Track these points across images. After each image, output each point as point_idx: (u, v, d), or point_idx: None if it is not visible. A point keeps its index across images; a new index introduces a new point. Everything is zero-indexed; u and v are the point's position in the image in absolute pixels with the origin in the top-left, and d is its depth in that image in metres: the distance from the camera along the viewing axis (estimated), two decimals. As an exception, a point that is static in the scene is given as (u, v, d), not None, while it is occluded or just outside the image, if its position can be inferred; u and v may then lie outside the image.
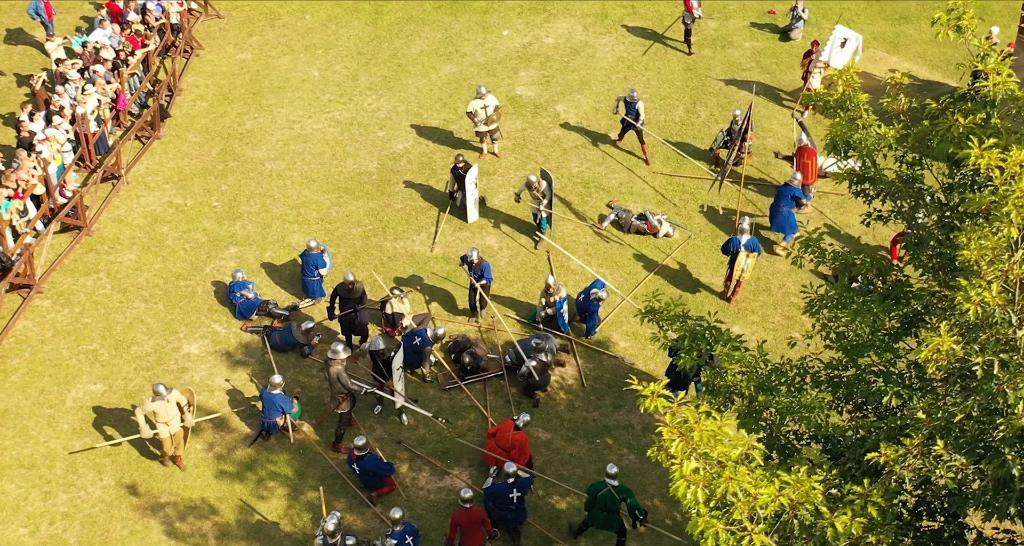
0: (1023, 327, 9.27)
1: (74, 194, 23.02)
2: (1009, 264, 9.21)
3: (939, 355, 9.48)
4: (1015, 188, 9.09)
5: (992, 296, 9.13)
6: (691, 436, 9.45)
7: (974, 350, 9.47)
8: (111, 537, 17.87)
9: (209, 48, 29.53)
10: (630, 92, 25.22)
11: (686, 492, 9.56)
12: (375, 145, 26.22)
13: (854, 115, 11.84)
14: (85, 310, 21.69)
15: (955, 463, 9.72)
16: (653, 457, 9.82)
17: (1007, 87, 10.64)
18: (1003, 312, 9.25)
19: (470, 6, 31.27)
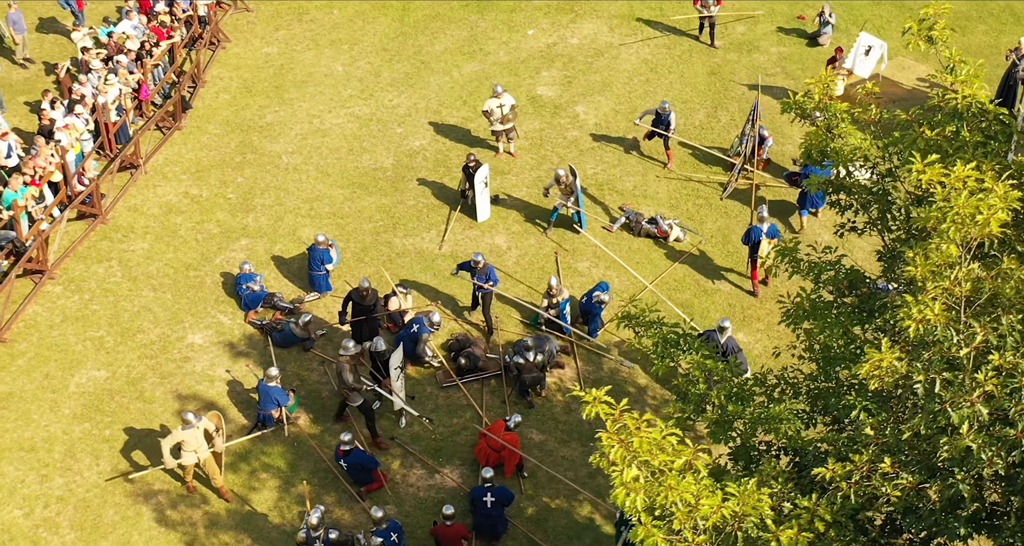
0: (966, 346, 9.10)
1: (90, 182, 23.32)
2: (951, 281, 9.04)
3: (880, 371, 9.33)
4: (954, 204, 8.91)
5: (934, 314, 8.97)
6: (630, 443, 9.39)
7: (916, 368, 9.31)
8: (103, 522, 18.10)
9: (236, 41, 29.79)
10: (662, 104, 24.81)
11: (625, 500, 9.50)
12: (392, 141, 26.31)
13: (831, 124, 11.69)
14: (95, 297, 21.98)
15: (902, 481, 9.57)
16: (594, 463, 9.78)
17: (977, 100, 10.45)
18: (945, 330, 9.08)
19: (497, 5, 31.27)
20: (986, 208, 8.73)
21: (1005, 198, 8.87)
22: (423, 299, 22.03)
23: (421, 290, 22.33)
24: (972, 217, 8.74)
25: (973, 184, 9.08)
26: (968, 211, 8.73)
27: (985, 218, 8.67)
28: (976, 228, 8.73)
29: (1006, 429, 9.02)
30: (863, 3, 31.47)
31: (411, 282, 22.42)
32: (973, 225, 8.76)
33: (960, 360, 9.15)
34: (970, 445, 8.99)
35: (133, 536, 17.92)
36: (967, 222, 8.77)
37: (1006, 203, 8.87)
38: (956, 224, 8.85)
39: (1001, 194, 8.90)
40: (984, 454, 8.97)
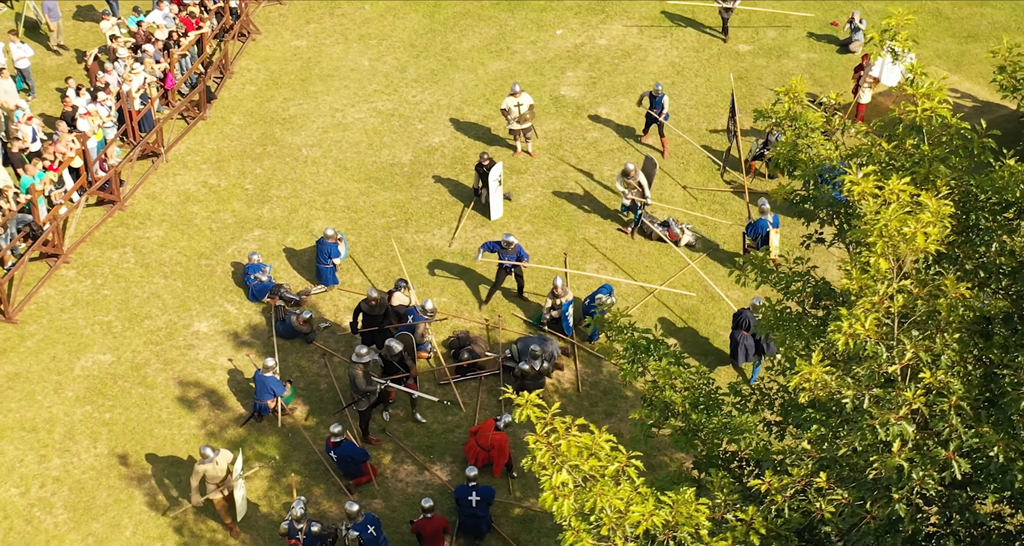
0: (895, 362, 8.94)
1: (109, 169, 23.67)
2: (881, 296, 8.89)
3: (809, 383, 9.21)
4: (881, 218, 8.75)
5: (864, 328, 8.83)
6: (558, 447, 9.36)
7: (847, 382, 9.17)
8: (95, 504, 18.39)
9: (266, 33, 30.07)
10: (655, 86, 25.29)
11: (553, 504, 9.48)
12: (412, 137, 26.41)
13: (801, 133, 11.55)
14: (107, 282, 22.32)
15: (837, 498, 9.44)
16: (526, 466, 9.76)
17: (938, 113, 10.26)
18: (875, 346, 8.93)
19: (528, 4, 31.26)
20: (914, 223, 8.58)
21: (937, 214, 8.70)
22: (423, 295, 22.10)
23: (428, 287, 22.40)
24: (899, 232, 8.58)
25: (907, 198, 8.92)
26: (895, 225, 8.58)
27: (912, 233, 8.51)
28: (905, 244, 8.57)
29: (937, 449, 8.87)
30: (899, 11, 30.97)
31: (418, 278, 22.50)
32: (901, 240, 8.60)
33: (891, 377, 9.00)
34: (902, 464, 8.85)
35: (123, 519, 18.18)
36: (895, 237, 8.61)
37: (937, 219, 8.70)
38: (883, 239, 8.70)
39: (934, 209, 8.73)
40: (916, 473, 8.82)
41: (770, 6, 30.80)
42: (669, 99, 25.87)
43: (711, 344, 21.35)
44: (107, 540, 17.89)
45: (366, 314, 20.49)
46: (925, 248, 8.66)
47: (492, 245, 21.57)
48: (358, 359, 18.87)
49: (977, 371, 9.62)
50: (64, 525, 18.08)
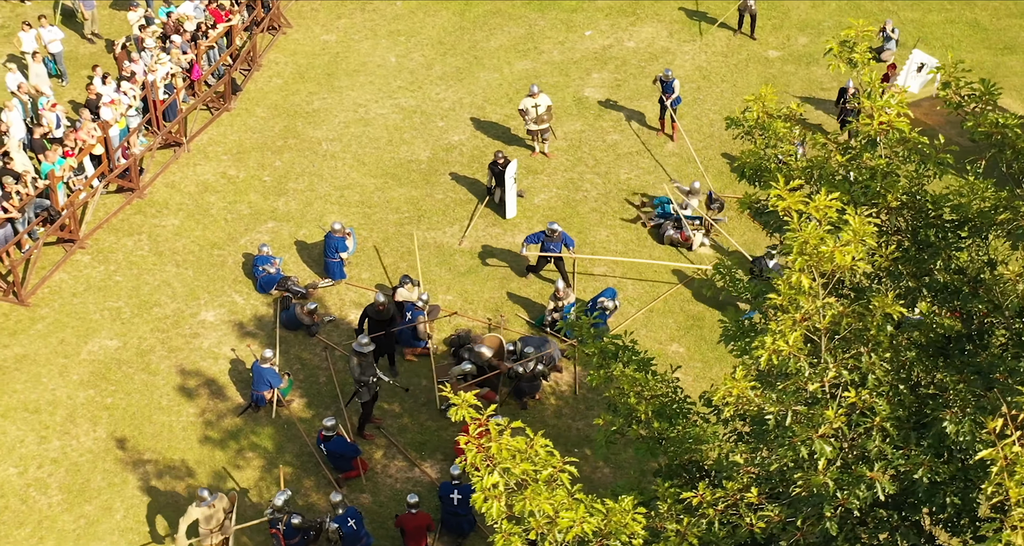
0: (815, 380, 8.80)
1: (129, 157, 24.01)
2: (801, 314, 8.75)
3: (731, 398, 9.10)
4: (800, 235, 8.61)
5: (788, 345, 8.70)
6: (488, 449, 9.36)
7: (770, 398, 9.05)
8: (90, 486, 18.68)
9: (297, 27, 30.31)
10: (665, 71, 25.81)
11: (483, 505, 9.48)
12: (432, 134, 26.50)
13: (769, 142, 11.42)
14: (120, 268, 22.65)
15: (768, 513, 9.33)
16: (460, 467, 9.76)
17: (896, 127, 10.08)
18: (798, 362, 8.80)
19: (559, 4, 31.21)
20: (832, 241, 8.43)
21: (859, 233, 8.54)
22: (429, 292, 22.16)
23: (435, 284, 22.47)
24: (816, 250, 8.44)
25: (833, 215, 8.77)
26: (814, 242, 8.44)
27: (829, 251, 8.37)
28: (826, 261, 8.43)
29: (862, 468, 8.73)
30: (936, 20, 30.60)
31: (425, 275, 22.57)
32: (819, 258, 8.46)
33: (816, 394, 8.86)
34: (827, 481, 8.73)
35: (115, 502, 18.45)
36: (813, 255, 8.47)
37: (857, 238, 8.53)
38: (803, 256, 8.57)
39: (856, 228, 8.57)
40: (840, 493, 8.69)
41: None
42: (680, 84, 26.54)
43: (720, 349, 21.15)
44: (98, 522, 18.17)
45: (372, 319, 20.37)
46: (851, 266, 8.52)
47: (536, 236, 21.84)
48: (359, 348, 18.97)
49: (908, 392, 9.45)
50: (57, 506, 18.39)
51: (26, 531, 18.00)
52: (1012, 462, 7.34)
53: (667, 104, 25.71)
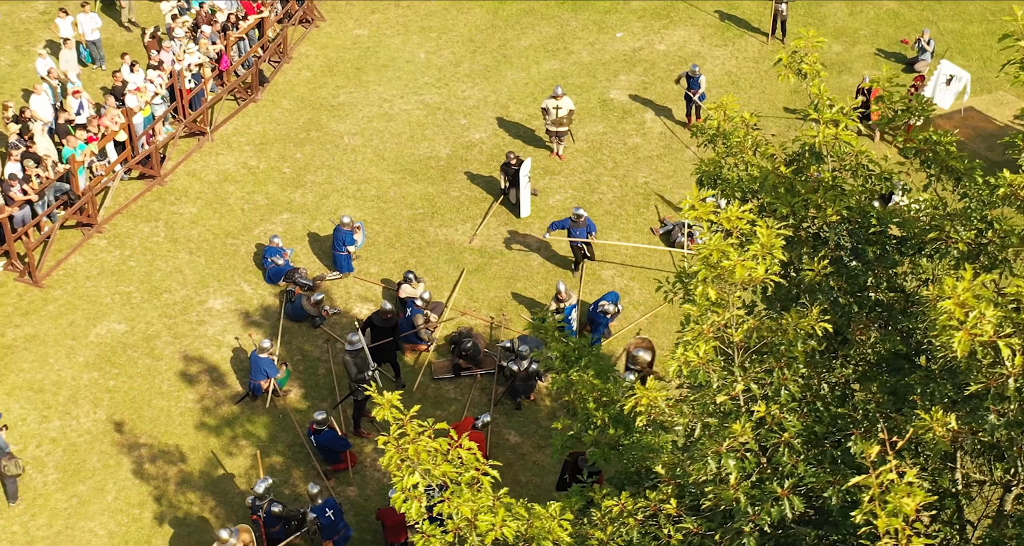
0: (724, 393, 8.68)
1: (150, 145, 24.38)
2: (709, 325, 8.64)
3: (641, 407, 9.02)
4: (705, 247, 8.49)
5: (697, 356, 8.61)
6: (406, 450, 9.38)
7: (680, 410, 8.96)
8: (85, 467, 19.02)
9: (331, 20, 30.54)
10: (692, 67, 26.00)
11: (402, 505, 9.51)
12: (453, 132, 26.57)
13: (731, 151, 11.30)
14: (134, 254, 23.01)
15: (686, 525, 9.25)
16: (383, 465, 9.81)
17: (843, 140, 9.92)
18: (707, 375, 8.70)
19: (593, 4, 31.11)
20: (735, 255, 8.31)
21: (767, 246, 8.40)
22: (430, 287, 22.24)
23: (441, 281, 22.55)
24: (718, 264, 8.32)
25: (744, 226, 8.65)
26: (716, 256, 8.33)
27: (732, 265, 8.25)
28: (730, 274, 8.31)
29: (773, 484, 8.61)
30: (976, 32, 30.03)
31: (432, 272, 22.66)
32: (721, 271, 8.34)
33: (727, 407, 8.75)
34: (739, 496, 8.62)
35: (108, 484, 18.76)
36: (715, 268, 8.36)
37: (764, 251, 8.40)
38: (707, 268, 8.46)
39: (764, 242, 8.44)
40: (751, 508, 8.58)
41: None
42: (706, 80, 26.65)
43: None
44: (89, 502, 18.49)
45: (377, 327, 20.19)
46: (763, 280, 8.40)
47: (562, 222, 22.22)
48: (350, 347, 19.11)
49: (824, 409, 9.30)
50: (52, 485, 18.74)
51: (20, 508, 18.37)
52: (886, 490, 7.19)
53: (695, 99, 25.70)
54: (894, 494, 7.13)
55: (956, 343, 7.43)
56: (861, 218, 9.86)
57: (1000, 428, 8.05)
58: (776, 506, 8.45)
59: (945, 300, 7.43)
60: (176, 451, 19.37)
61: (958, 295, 7.41)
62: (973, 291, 7.41)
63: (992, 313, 7.40)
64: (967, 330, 7.38)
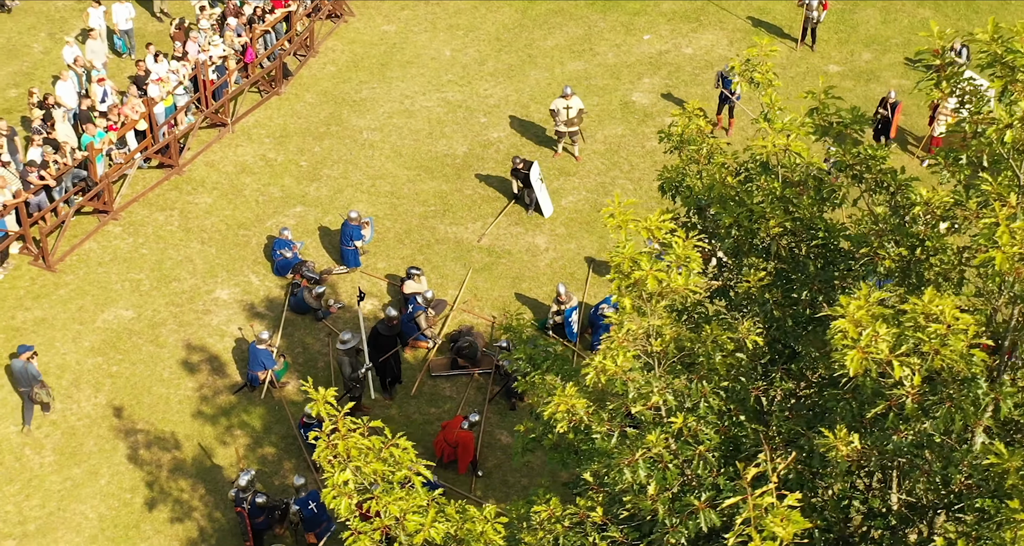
0: (639, 403, 8.59)
1: (169, 134, 24.66)
2: (623, 334, 8.55)
3: (559, 414, 8.95)
4: (617, 255, 8.40)
5: (615, 364, 8.52)
6: (337, 446, 9.41)
7: (598, 417, 8.87)
8: (81, 450, 19.30)
9: (360, 16, 30.68)
10: (725, 66, 25.74)
11: (332, 501, 9.54)
12: (472, 130, 26.59)
13: (694, 158, 11.19)
14: (147, 241, 23.31)
15: (612, 534, 9.18)
16: (317, 459, 9.85)
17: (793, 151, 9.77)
18: (624, 384, 8.61)
19: (622, 5, 30.96)
20: (647, 263, 8.22)
21: (683, 256, 8.30)
22: (435, 285, 22.28)
23: (447, 279, 22.59)
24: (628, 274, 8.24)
25: (663, 235, 8.55)
26: (627, 265, 8.24)
27: (643, 275, 8.16)
28: (641, 283, 8.22)
29: (690, 497, 8.51)
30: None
31: (439, 269, 22.71)
32: (630, 281, 8.26)
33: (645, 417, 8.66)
34: (657, 507, 8.54)
35: (102, 468, 19.03)
36: (627, 277, 8.28)
37: (680, 261, 8.29)
38: (618, 276, 8.38)
39: (680, 251, 8.33)
40: (669, 520, 8.50)
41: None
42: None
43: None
44: (83, 485, 18.77)
45: (383, 335, 19.92)
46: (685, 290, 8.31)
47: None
48: (342, 345, 19.22)
49: (748, 422, 9.18)
50: (48, 466, 19.05)
51: (15, 488, 18.70)
52: (763, 513, 7.06)
53: (732, 99, 25.45)
54: (771, 518, 7.01)
55: (848, 361, 7.31)
56: (806, 231, 9.72)
57: (902, 449, 7.90)
58: (692, 519, 8.36)
59: (839, 319, 7.30)
60: (171, 438, 19.59)
61: (852, 313, 7.28)
62: (868, 309, 7.26)
63: (886, 332, 7.26)
64: (860, 349, 7.25)
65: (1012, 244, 7.42)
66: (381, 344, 20.02)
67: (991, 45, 8.93)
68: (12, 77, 27.63)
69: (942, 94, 9.50)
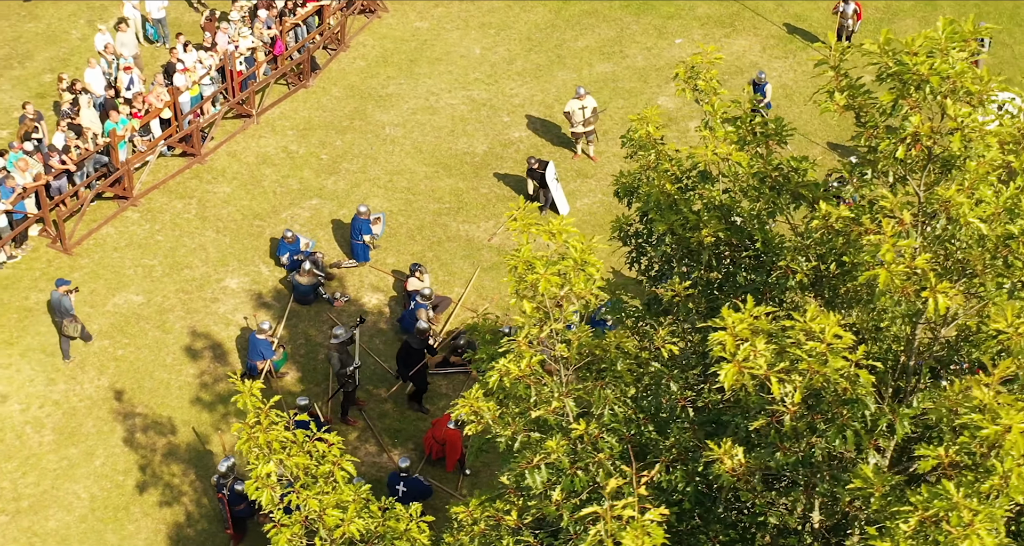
0: (540, 408, 8.53)
1: (191, 124, 24.99)
2: (524, 338, 8.50)
3: (471, 416, 8.93)
4: (513, 259, 8.34)
5: (518, 368, 8.47)
6: (257, 439, 9.49)
7: (502, 421, 8.83)
8: (80, 431, 19.65)
9: (394, 12, 30.81)
10: (758, 74, 25.73)
11: (254, 493, 9.62)
12: (494, 129, 26.61)
13: (648, 164, 11.10)
14: (163, 228, 23.65)
15: (526, 538, 9.14)
16: (241, 449, 9.93)
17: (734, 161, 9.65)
18: (527, 388, 8.55)
19: (657, 9, 30.76)
20: (541, 267, 8.15)
21: (580, 260, 8.22)
22: (442, 282, 22.33)
23: (454, 276, 22.64)
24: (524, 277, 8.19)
25: (560, 239, 8.47)
26: (522, 269, 8.19)
27: (535, 278, 8.09)
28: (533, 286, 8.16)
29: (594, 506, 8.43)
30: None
31: (447, 267, 22.76)
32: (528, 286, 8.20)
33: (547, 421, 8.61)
34: (563, 513, 8.49)
35: (98, 449, 19.37)
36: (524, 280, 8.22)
37: (577, 266, 8.21)
38: (515, 280, 8.32)
39: (577, 255, 8.25)
40: (572, 526, 8.44)
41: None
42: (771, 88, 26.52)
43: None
44: (78, 465, 19.11)
45: (413, 349, 19.58)
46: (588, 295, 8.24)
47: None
48: (334, 340, 19.36)
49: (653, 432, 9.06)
50: (47, 445, 19.42)
51: (13, 465, 19.09)
52: (623, 525, 6.97)
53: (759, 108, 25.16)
54: (630, 530, 6.93)
55: (724, 375, 7.19)
56: (739, 241, 9.60)
57: (783, 465, 7.76)
58: (594, 526, 8.29)
59: (719, 331, 7.20)
60: (168, 423, 19.87)
61: (732, 326, 7.16)
62: (748, 323, 7.15)
63: (764, 347, 7.14)
64: (737, 363, 7.14)
65: (897, 262, 7.27)
66: (412, 359, 19.71)
67: (882, 57, 8.77)
68: (49, 62, 28.15)
69: (837, 106, 9.30)
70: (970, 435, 7.00)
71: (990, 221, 8.10)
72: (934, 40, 8.86)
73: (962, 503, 6.69)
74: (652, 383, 9.01)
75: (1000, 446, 6.90)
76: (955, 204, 8.12)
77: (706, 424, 8.94)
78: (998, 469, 6.88)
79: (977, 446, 6.99)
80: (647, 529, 6.93)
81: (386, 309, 22.12)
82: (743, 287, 9.51)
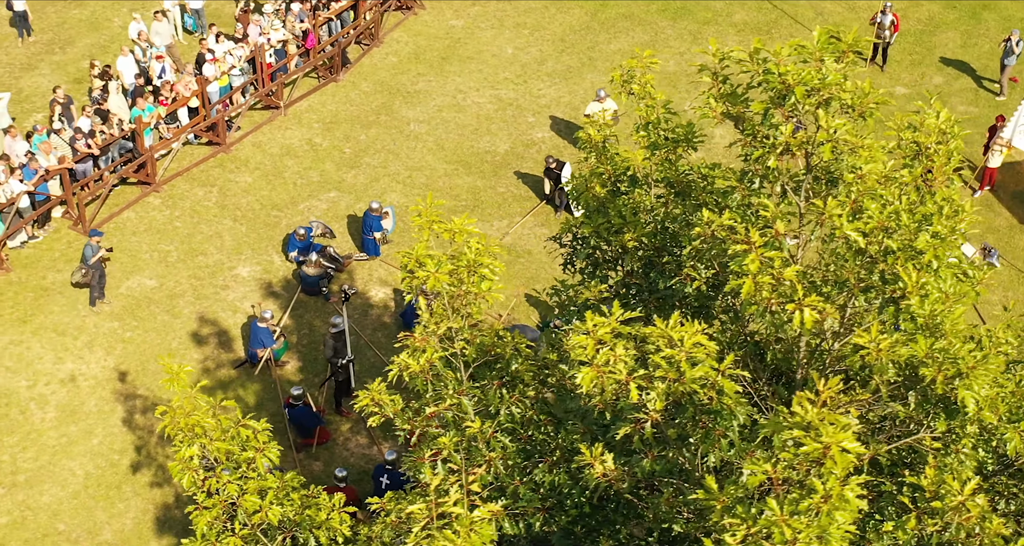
0: (435, 404, 8.54)
1: (218, 114, 25.36)
2: (419, 336, 8.51)
3: (374, 408, 8.97)
4: (406, 255, 8.36)
5: (416, 363, 8.49)
6: (181, 423, 9.63)
7: (403, 416, 8.84)
8: (82, 409, 20.06)
9: (430, 9, 30.99)
10: None
11: (178, 476, 9.77)
12: (518, 128, 26.64)
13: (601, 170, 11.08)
14: (183, 215, 24.03)
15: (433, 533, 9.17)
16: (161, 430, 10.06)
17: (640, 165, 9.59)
18: (425, 384, 8.56)
19: (694, 14, 30.59)
20: (433, 265, 8.14)
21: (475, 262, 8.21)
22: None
23: (462, 273, 22.70)
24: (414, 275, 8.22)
25: (460, 238, 8.48)
26: (412, 265, 8.20)
27: (425, 276, 8.10)
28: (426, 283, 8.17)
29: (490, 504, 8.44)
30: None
31: (457, 264, 22.84)
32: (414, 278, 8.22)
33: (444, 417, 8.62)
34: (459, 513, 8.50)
35: (97, 428, 19.75)
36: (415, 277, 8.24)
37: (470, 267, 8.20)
38: (409, 276, 8.34)
39: (471, 255, 8.24)
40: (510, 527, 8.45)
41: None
42: None
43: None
44: (76, 443, 19.51)
45: None
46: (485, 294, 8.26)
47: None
48: (333, 329, 19.52)
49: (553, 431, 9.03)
50: (48, 422, 19.85)
51: (14, 439, 19.54)
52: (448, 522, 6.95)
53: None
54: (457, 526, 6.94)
55: (581, 378, 7.16)
56: (662, 246, 9.53)
57: (647, 471, 7.69)
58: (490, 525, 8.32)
59: (580, 335, 7.17)
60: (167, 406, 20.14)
61: (594, 330, 7.13)
62: (611, 328, 7.10)
63: (623, 352, 7.08)
64: (597, 367, 7.09)
65: (762, 272, 7.16)
66: None
67: (752, 66, 8.76)
68: (89, 49, 28.75)
69: (714, 112, 9.22)
70: (792, 452, 6.89)
71: (870, 235, 7.96)
72: (807, 50, 8.79)
73: (783, 520, 6.60)
74: (558, 385, 9.01)
75: (822, 464, 6.77)
76: (830, 216, 8.02)
77: (599, 427, 8.91)
78: (818, 488, 6.76)
79: (799, 463, 6.87)
80: (474, 527, 6.93)
81: (391, 303, 22.27)
82: (662, 293, 9.45)
